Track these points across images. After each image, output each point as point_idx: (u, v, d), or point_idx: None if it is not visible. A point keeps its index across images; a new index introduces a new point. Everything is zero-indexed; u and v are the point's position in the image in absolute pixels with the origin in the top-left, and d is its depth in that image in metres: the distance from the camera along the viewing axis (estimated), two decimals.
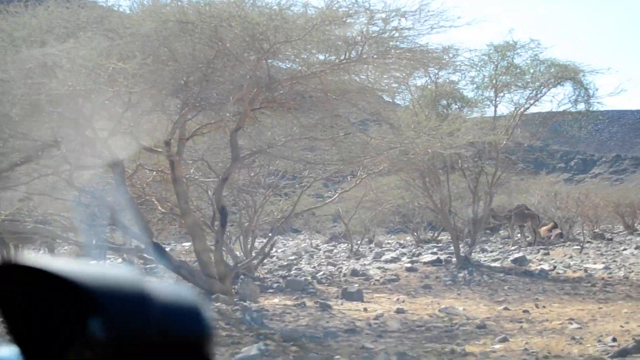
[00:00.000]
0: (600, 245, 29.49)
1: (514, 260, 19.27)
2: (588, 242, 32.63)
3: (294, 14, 10.00)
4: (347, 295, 13.03)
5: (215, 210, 12.06)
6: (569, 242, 29.52)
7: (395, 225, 37.36)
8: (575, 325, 9.89)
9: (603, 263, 19.58)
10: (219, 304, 10.36)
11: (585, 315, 11.05)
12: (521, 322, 10.50)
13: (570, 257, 22.81)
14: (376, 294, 13.86)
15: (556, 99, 18.24)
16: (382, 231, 41.70)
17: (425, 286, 14.88)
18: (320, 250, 31.39)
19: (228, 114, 11.03)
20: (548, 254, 24.81)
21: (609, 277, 16.35)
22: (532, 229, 31.08)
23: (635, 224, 46.19)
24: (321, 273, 17.09)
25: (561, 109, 18.22)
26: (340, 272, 17.52)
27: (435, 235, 35.31)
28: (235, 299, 11.14)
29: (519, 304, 12.52)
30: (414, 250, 27.78)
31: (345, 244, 28.81)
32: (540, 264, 19.58)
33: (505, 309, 11.78)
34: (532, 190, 34.79)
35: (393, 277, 16.06)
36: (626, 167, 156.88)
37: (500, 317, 10.94)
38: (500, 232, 32.93)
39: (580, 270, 18.08)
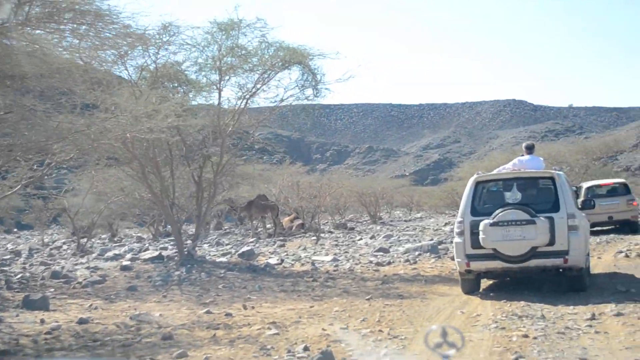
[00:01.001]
0: (339, 235, 29.69)
1: (241, 254, 18.24)
2: (329, 232, 33.01)
3: None
4: (29, 304, 11.02)
5: None
6: (309, 233, 29.34)
7: (137, 219, 35.25)
8: (273, 331, 8.82)
9: (333, 255, 19.22)
10: None
11: (292, 316, 10.09)
12: (218, 328, 9.27)
13: (304, 248, 22.39)
14: (70, 300, 11.97)
15: (283, 83, 17.08)
16: (127, 224, 39.43)
17: (131, 288, 13.23)
18: (49, 246, 28.55)
19: None
20: (284, 245, 24.26)
21: (334, 271, 15.83)
22: (272, 219, 30.57)
23: (379, 214, 48.28)
24: (19, 276, 14.79)
25: (288, 94, 17.33)
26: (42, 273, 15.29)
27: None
28: None
29: (227, 305, 11.33)
30: (147, 245, 26.06)
31: (86, 239, 26.28)
32: (269, 258, 18.79)
33: (208, 312, 10.49)
34: (275, 180, 34.36)
35: (99, 278, 14.22)
36: (378, 158, 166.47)
37: (197, 324, 9.62)
38: (254, 223, 32.01)
39: (309, 263, 17.50)
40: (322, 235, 29.69)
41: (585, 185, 25.85)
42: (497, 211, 10.67)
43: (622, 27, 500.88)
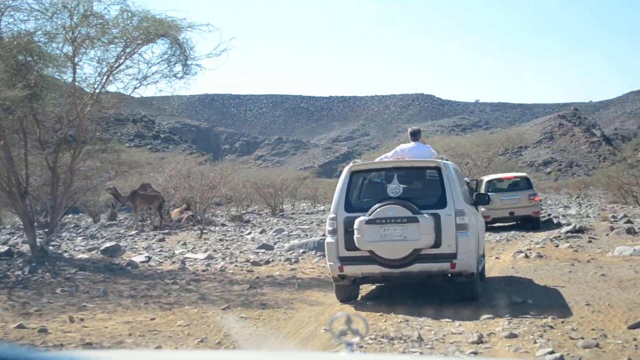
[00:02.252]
0: (229, 229, 27.74)
1: (104, 251, 16.10)
2: (222, 225, 31.05)
3: None
4: None
5: None
6: (198, 226, 27.15)
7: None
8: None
9: (208, 252, 17.25)
10: None
11: (122, 333, 8.09)
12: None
13: (184, 243, 20.35)
14: None
15: (145, 58, 14.84)
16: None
17: None
18: None
19: None
20: (164, 240, 22.12)
21: (204, 271, 13.92)
22: (156, 210, 28.29)
23: (281, 206, 46.47)
24: None
25: (153, 70, 15.08)
26: None
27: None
28: None
29: (53, 316, 9.21)
30: (15, 237, 23.42)
31: None
32: (138, 254, 16.67)
33: (20, 326, 8.36)
34: (165, 169, 31.97)
35: None
36: (287, 149, 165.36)
37: None
38: (137, 214, 29.49)
39: (181, 261, 15.52)
40: (212, 228, 27.81)
41: (485, 178, 24.72)
42: (375, 207, 9.11)
43: (528, 27, 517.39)
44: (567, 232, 19.93)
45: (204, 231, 24.47)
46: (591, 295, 9.50)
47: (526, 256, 14.71)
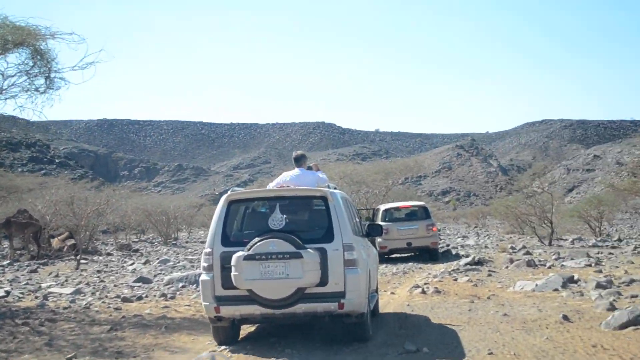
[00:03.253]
0: (113, 259, 25.72)
1: None
2: (108, 254, 28.96)
3: None
4: None
5: None
6: (83, 255, 24.94)
7: None
8: None
9: (77, 286, 15.40)
10: None
11: None
12: None
13: (57, 275, 18.39)
14: None
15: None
16: None
17: None
18: None
19: None
20: (36, 270, 20.02)
21: (65, 308, 12.18)
22: (33, 239, 25.96)
23: (174, 234, 44.31)
24: None
25: (11, 82, 13.21)
26: None
27: None
28: None
29: None
30: None
31: None
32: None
33: None
34: (46, 194, 29.58)
35: None
36: (187, 176, 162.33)
37: None
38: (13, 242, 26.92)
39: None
40: (95, 258, 25.77)
41: (382, 207, 23.75)
42: (254, 240, 8.13)
43: (426, 58, 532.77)
44: (466, 264, 19.14)
45: (83, 261, 22.43)
46: (494, 341, 8.38)
47: (423, 291, 13.63)
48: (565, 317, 9.84)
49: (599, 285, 12.88)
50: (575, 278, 14.18)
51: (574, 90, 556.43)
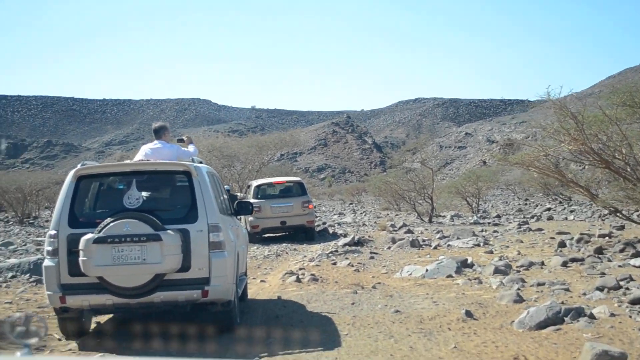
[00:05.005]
0: None
1: None
2: None
3: None
4: None
5: None
6: None
7: None
8: None
9: None
10: None
11: None
12: None
13: None
14: None
15: None
16: None
17: None
18: None
19: None
20: None
21: None
22: None
23: (34, 213, 40.66)
24: None
25: None
26: None
27: None
28: None
29: None
30: None
31: None
32: None
33: None
34: None
35: None
36: (57, 152, 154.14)
37: None
38: None
39: None
40: None
41: (254, 183, 21.54)
42: (106, 221, 7.21)
43: (305, 37, 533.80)
44: (345, 244, 17.38)
45: None
46: (389, 354, 6.45)
47: (298, 279, 11.63)
48: (469, 314, 8.08)
49: (497, 271, 11.31)
50: (469, 261, 12.56)
51: (446, 70, 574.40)
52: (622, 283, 9.21)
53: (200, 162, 8.50)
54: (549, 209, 34.34)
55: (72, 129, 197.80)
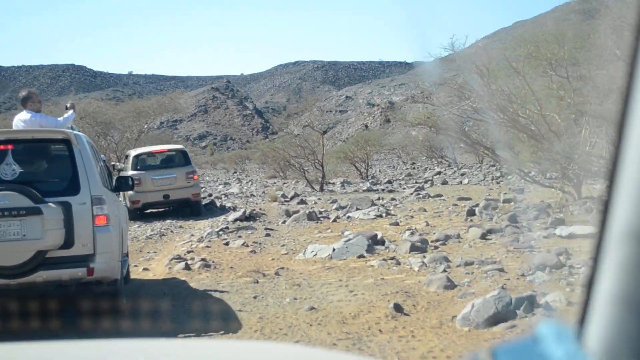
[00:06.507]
0: None
1: None
2: None
3: None
4: None
5: None
6: None
7: None
8: None
9: None
10: None
11: None
12: None
13: None
14: None
15: None
16: None
17: None
18: None
19: None
20: None
21: None
22: None
23: None
24: None
25: None
26: None
27: None
28: None
29: None
30: None
31: None
32: None
33: None
34: None
35: None
36: None
37: None
38: None
39: None
40: None
41: (133, 152, 19.43)
42: None
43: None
44: (236, 220, 15.81)
45: None
46: None
47: (187, 266, 9.97)
48: (398, 307, 6.76)
49: (414, 248, 10.09)
50: (379, 237, 11.28)
51: (324, 33, 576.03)
52: (561, 259, 8.15)
53: (79, 131, 8.06)
54: (439, 173, 34.01)
55: None
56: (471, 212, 14.22)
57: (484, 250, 9.93)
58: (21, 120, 8.27)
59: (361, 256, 9.96)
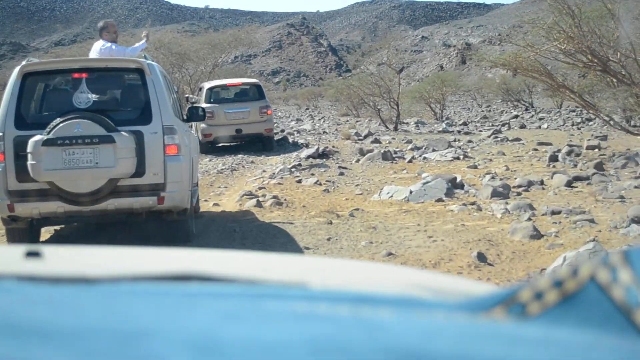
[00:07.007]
0: None
1: None
2: None
3: None
4: None
5: None
6: None
7: None
8: None
9: None
10: None
11: None
12: None
13: None
14: None
15: None
16: None
17: None
18: None
19: None
20: None
21: None
22: None
23: None
24: None
25: None
26: None
27: None
28: None
29: None
30: None
31: None
32: None
33: None
34: None
35: None
36: (5, 52, 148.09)
37: None
38: None
39: None
40: None
41: (207, 85, 19.22)
42: (55, 122, 6.65)
43: None
44: (309, 157, 15.47)
45: None
46: None
47: (259, 203, 9.73)
48: (481, 257, 6.34)
49: (496, 193, 9.54)
50: (458, 180, 10.77)
51: None
52: None
53: (153, 61, 7.89)
54: (516, 116, 32.90)
55: (20, 27, 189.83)
56: (554, 158, 13.51)
57: (570, 199, 9.34)
58: (95, 49, 8.52)
59: (440, 200, 9.50)
